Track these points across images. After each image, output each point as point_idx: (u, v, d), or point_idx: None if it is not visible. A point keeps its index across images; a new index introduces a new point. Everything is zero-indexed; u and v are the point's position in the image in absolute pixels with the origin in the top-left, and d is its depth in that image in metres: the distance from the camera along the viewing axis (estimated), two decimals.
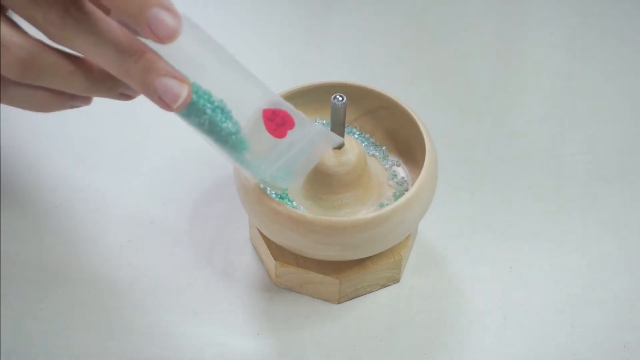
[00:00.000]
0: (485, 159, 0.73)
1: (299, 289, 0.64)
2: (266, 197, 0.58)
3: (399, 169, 0.65)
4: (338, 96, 0.59)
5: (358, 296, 0.64)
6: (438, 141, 0.63)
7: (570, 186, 0.71)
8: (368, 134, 0.67)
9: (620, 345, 0.62)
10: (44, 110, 0.52)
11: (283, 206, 0.58)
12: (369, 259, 0.63)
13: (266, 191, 0.60)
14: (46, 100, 0.51)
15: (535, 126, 0.76)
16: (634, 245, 0.67)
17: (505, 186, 0.71)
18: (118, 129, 0.74)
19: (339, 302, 0.63)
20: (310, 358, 0.61)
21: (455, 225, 0.68)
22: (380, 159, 0.66)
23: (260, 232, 0.64)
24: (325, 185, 0.61)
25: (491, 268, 0.66)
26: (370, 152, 0.66)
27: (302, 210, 0.61)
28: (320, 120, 0.66)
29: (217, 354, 0.61)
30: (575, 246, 0.67)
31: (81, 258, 0.65)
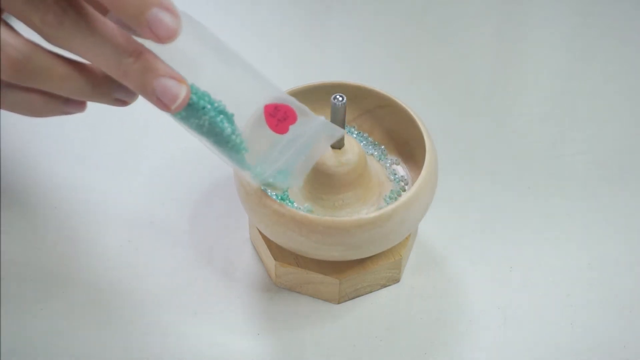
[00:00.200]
0: (485, 159, 0.73)
1: (299, 289, 0.64)
2: (267, 199, 0.58)
3: (399, 168, 0.65)
4: (338, 96, 0.59)
5: (358, 296, 0.64)
6: (438, 141, 0.63)
7: (570, 186, 0.71)
8: (366, 133, 0.67)
9: (620, 345, 0.62)
10: (36, 115, 0.51)
11: (285, 207, 0.58)
12: (368, 259, 0.63)
13: (267, 192, 0.60)
14: (39, 104, 0.50)
15: (535, 126, 0.76)
16: (634, 245, 0.67)
17: (505, 186, 0.71)
18: (118, 129, 0.74)
19: (339, 302, 0.63)
20: (310, 358, 0.61)
21: (455, 225, 0.68)
22: (379, 158, 0.66)
23: (260, 232, 0.64)
24: (326, 186, 0.61)
25: (491, 268, 0.66)
26: (369, 152, 0.66)
27: (303, 211, 0.61)
28: None
29: (217, 354, 0.61)
30: (575, 246, 0.67)
31: (81, 258, 0.65)
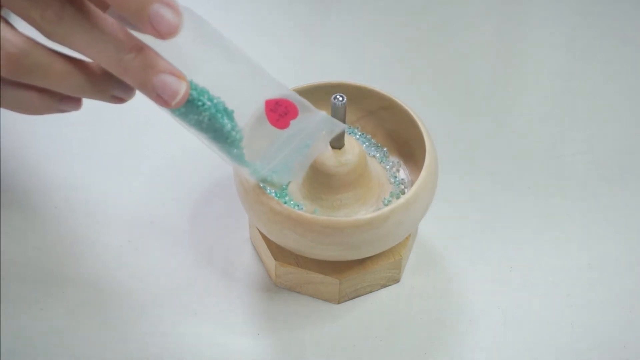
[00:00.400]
0: (485, 159, 0.73)
1: (299, 289, 0.64)
2: (265, 196, 0.58)
3: (400, 170, 0.65)
4: (338, 96, 0.59)
5: (358, 296, 0.64)
6: (438, 141, 0.63)
7: (570, 186, 0.71)
8: (369, 135, 0.67)
9: (621, 345, 0.62)
10: (32, 113, 0.51)
11: (282, 205, 0.58)
12: (368, 259, 0.63)
13: (266, 190, 0.60)
14: (35, 102, 0.50)
15: (535, 126, 0.76)
16: (634, 245, 0.67)
17: (505, 186, 0.71)
18: (118, 129, 0.74)
19: (339, 302, 0.63)
20: (310, 358, 0.61)
21: (455, 225, 0.68)
22: (381, 159, 0.66)
23: (260, 232, 0.64)
24: (326, 185, 0.61)
25: (491, 268, 0.66)
26: (371, 153, 0.66)
27: (301, 210, 0.61)
28: None
29: (217, 354, 0.61)
30: (575, 246, 0.67)
31: (81, 258, 0.65)
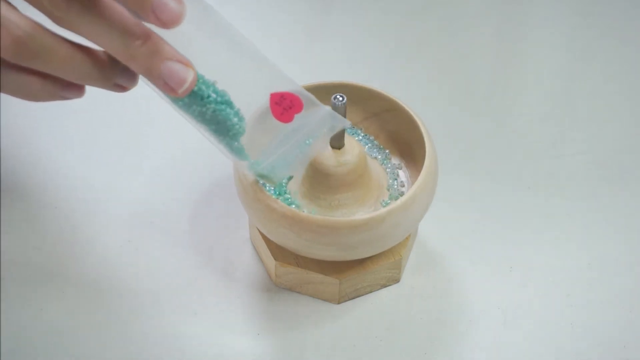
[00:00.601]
0: (485, 159, 0.73)
1: (299, 289, 0.64)
2: (263, 194, 0.58)
3: (401, 172, 0.65)
4: (338, 96, 0.58)
5: (358, 296, 0.64)
6: (438, 141, 0.63)
7: (570, 186, 0.71)
8: (372, 136, 0.67)
9: (620, 345, 0.62)
10: (33, 99, 0.51)
11: (278, 203, 0.58)
12: (368, 259, 0.63)
13: (265, 188, 0.59)
14: (37, 87, 0.50)
15: (535, 126, 0.76)
16: (634, 245, 0.67)
17: (505, 186, 0.71)
18: (118, 129, 0.74)
19: (339, 302, 0.63)
20: (310, 358, 0.61)
21: (455, 225, 0.68)
22: (383, 161, 0.66)
23: (260, 232, 0.64)
24: (324, 185, 0.61)
25: (491, 268, 0.66)
26: (373, 155, 0.66)
27: (297, 209, 0.61)
28: None
29: (217, 354, 0.61)
30: (575, 246, 0.67)
31: (81, 258, 0.65)
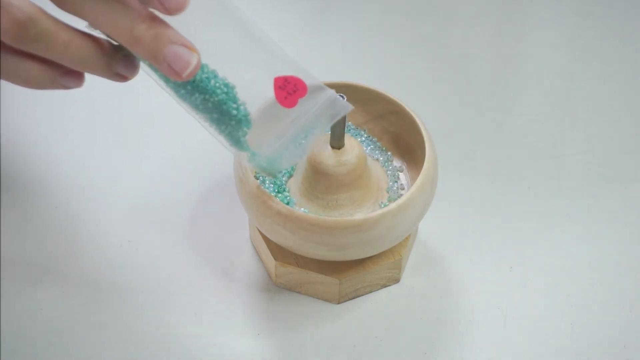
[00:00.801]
0: (485, 159, 0.73)
1: (299, 289, 0.64)
2: (260, 192, 0.58)
3: (401, 174, 0.65)
4: (339, 95, 0.58)
5: (358, 296, 0.64)
6: (438, 141, 0.63)
7: (570, 186, 0.71)
8: (375, 138, 0.67)
9: (621, 345, 0.62)
10: (32, 86, 0.51)
11: (274, 200, 0.57)
12: (368, 259, 0.63)
13: (264, 185, 0.59)
14: (37, 73, 0.50)
15: (535, 126, 0.76)
16: (634, 245, 0.67)
17: (505, 186, 0.71)
18: (118, 129, 0.74)
19: (339, 302, 0.63)
20: (310, 358, 0.61)
21: (455, 225, 0.68)
22: (384, 163, 0.66)
23: (260, 232, 0.64)
24: (323, 185, 0.61)
25: (491, 268, 0.66)
26: (375, 156, 0.66)
27: (295, 207, 0.61)
28: None
29: (217, 354, 0.61)
30: (575, 246, 0.67)
31: (81, 258, 0.65)
